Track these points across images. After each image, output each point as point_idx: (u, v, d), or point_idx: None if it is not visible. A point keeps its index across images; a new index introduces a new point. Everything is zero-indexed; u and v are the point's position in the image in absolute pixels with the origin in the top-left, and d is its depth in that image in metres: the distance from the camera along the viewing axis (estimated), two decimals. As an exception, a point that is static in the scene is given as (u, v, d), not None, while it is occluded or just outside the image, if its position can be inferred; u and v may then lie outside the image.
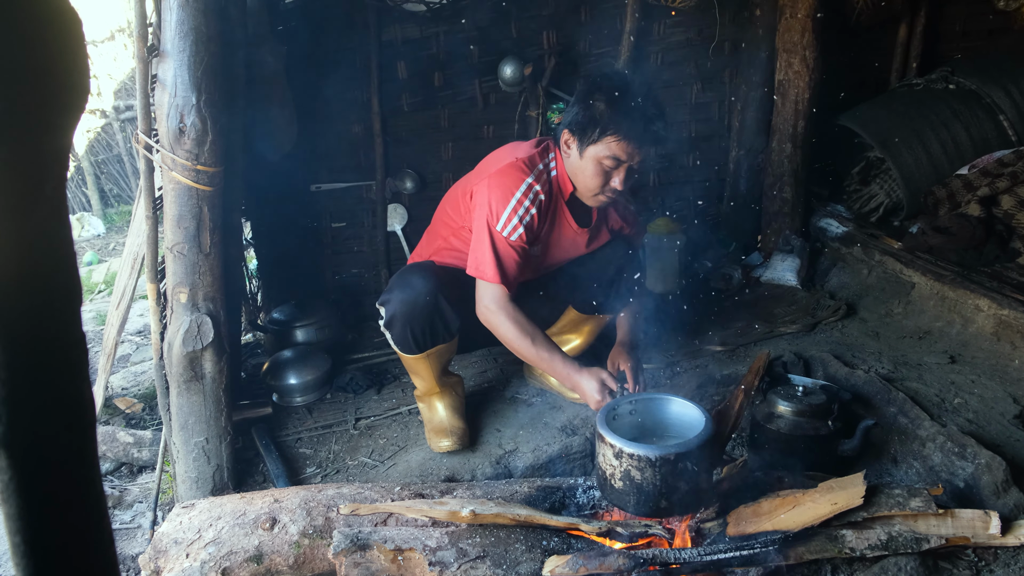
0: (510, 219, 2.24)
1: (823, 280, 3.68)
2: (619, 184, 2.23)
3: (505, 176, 2.29)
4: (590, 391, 2.17)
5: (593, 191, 2.29)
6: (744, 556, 1.71)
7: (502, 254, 2.25)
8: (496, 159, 2.41)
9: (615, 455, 1.77)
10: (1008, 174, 3.35)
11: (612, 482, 1.79)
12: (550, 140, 2.44)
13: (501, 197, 2.26)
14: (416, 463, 2.50)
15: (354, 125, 3.80)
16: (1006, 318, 2.74)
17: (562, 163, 2.36)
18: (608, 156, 2.19)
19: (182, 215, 2.20)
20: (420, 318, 2.35)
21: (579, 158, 2.26)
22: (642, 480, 1.74)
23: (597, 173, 2.23)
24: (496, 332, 2.30)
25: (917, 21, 4.10)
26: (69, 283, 0.54)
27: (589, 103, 2.21)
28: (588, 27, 3.82)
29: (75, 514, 0.55)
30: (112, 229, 8.30)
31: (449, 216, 2.53)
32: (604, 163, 2.21)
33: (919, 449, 2.22)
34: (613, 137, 2.16)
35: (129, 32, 8.08)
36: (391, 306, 2.38)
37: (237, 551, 1.85)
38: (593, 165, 2.23)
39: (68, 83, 0.52)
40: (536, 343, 2.23)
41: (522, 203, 2.25)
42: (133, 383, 3.66)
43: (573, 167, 2.31)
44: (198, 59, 2.10)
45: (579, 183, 2.32)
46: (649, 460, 1.71)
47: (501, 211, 2.25)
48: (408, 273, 2.43)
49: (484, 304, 2.29)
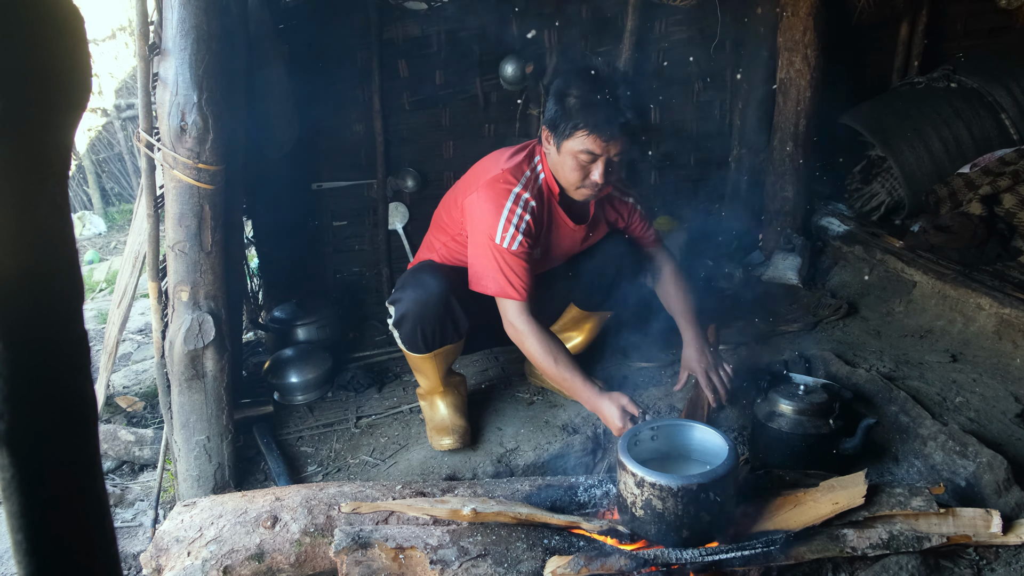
0: (506, 229, 2.24)
1: (824, 279, 3.67)
2: (599, 177, 2.22)
3: (492, 189, 2.28)
4: (611, 417, 2.14)
5: (575, 184, 2.28)
6: (745, 556, 1.71)
7: (511, 266, 2.25)
8: (483, 170, 2.40)
9: (636, 484, 1.73)
10: (1010, 172, 3.34)
11: (633, 510, 1.76)
12: (535, 142, 2.43)
13: (492, 210, 2.26)
14: (417, 462, 2.50)
15: (355, 123, 3.80)
16: (1008, 317, 2.74)
17: (547, 164, 2.36)
18: (582, 150, 2.18)
19: (183, 213, 2.20)
20: (431, 318, 2.36)
21: (557, 154, 2.26)
22: (663, 509, 1.70)
23: (575, 167, 2.23)
24: (521, 348, 2.31)
25: (919, 19, 4.09)
26: (71, 281, 0.54)
27: (562, 98, 2.20)
28: (589, 25, 3.82)
29: (77, 512, 0.55)
30: (113, 228, 8.31)
31: (445, 222, 2.54)
32: (579, 157, 2.20)
33: (920, 448, 2.21)
34: (583, 131, 2.15)
35: (130, 30, 8.08)
36: (402, 305, 2.38)
37: (238, 549, 1.85)
38: (570, 160, 2.22)
39: (70, 82, 0.52)
40: (559, 363, 2.22)
41: (514, 211, 2.25)
42: (134, 381, 3.66)
43: (554, 163, 2.31)
44: (199, 57, 2.10)
45: (560, 178, 2.32)
46: (671, 490, 1.68)
47: (495, 224, 2.25)
48: (420, 273, 2.43)
49: (508, 320, 2.29)
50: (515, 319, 2.27)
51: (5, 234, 0.48)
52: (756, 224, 4.04)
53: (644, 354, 2.96)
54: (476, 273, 2.32)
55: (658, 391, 2.74)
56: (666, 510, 1.71)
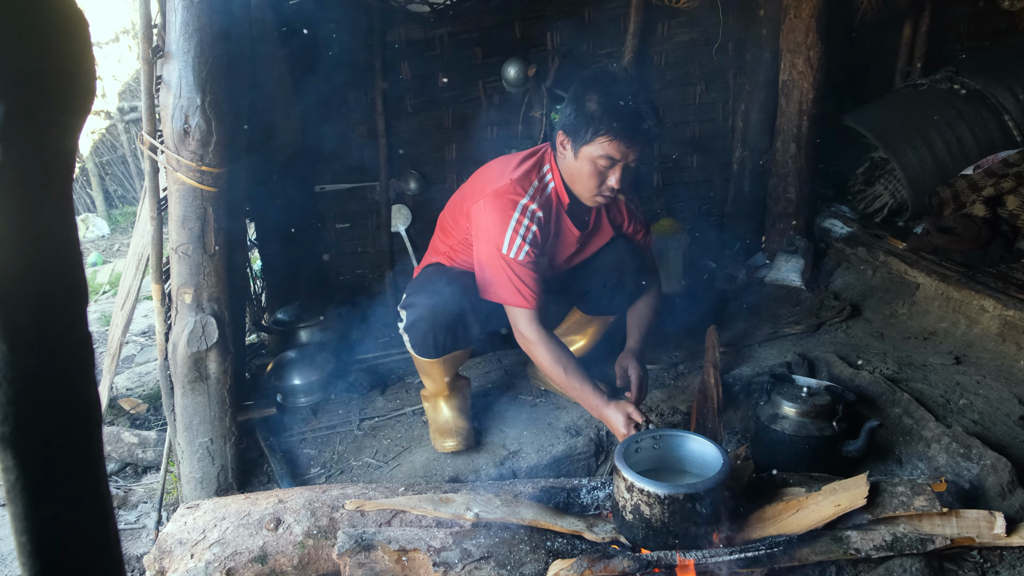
0: (513, 240, 2.24)
1: (827, 280, 3.67)
2: (615, 183, 2.23)
3: (498, 200, 2.27)
4: (617, 424, 2.16)
5: (591, 191, 2.28)
6: (749, 558, 1.71)
7: (520, 276, 2.25)
8: (490, 177, 2.39)
9: (627, 488, 1.77)
10: (1013, 174, 3.33)
11: (624, 514, 1.80)
12: (546, 149, 2.42)
13: (499, 221, 2.25)
14: (420, 464, 2.50)
15: (358, 126, 3.81)
16: (1011, 319, 2.73)
17: (558, 172, 2.34)
18: (602, 156, 2.18)
19: (187, 216, 2.21)
20: (443, 324, 2.35)
21: (574, 159, 2.25)
22: (651, 516, 1.74)
23: (593, 173, 2.22)
24: (531, 356, 2.33)
25: (922, 21, 4.09)
26: (75, 284, 0.54)
27: (582, 103, 2.20)
28: (592, 28, 3.82)
29: (81, 514, 0.56)
30: (116, 230, 8.33)
31: (451, 226, 2.53)
32: (599, 163, 2.20)
33: (924, 450, 2.21)
34: (605, 137, 2.15)
35: (134, 33, 8.10)
36: (415, 310, 2.38)
37: (241, 551, 1.86)
38: (588, 165, 2.22)
39: (74, 85, 0.52)
40: (568, 372, 2.24)
41: (521, 222, 2.25)
42: (138, 384, 3.67)
43: (569, 168, 2.29)
44: (203, 60, 2.10)
45: (576, 184, 2.31)
46: (658, 497, 1.72)
47: (502, 235, 2.24)
48: (432, 278, 2.44)
49: (519, 330, 2.30)
50: (525, 328, 2.28)
51: (9, 236, 0.48)
52: (759, 226, 4.04)
53: (647, 357, 2.95)
54: (485, 282, 2.33)
55: (661, 393, 2.73)
56: (653, 516, 1.74)
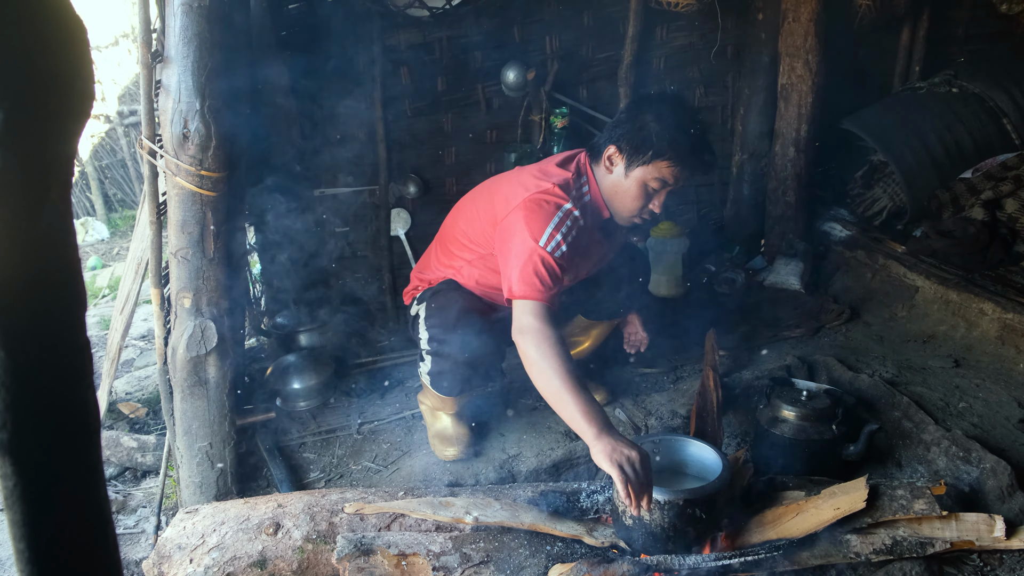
0: (553, 235, 2.05)
1: (827, 284, 3.67)
2: (657, 207, 2.19)
3: (543, 199, 2.11)
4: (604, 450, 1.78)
5: (631, 211, 2.21)
6: (749, 562, 1.71)
7: (546, 269, 2.02)
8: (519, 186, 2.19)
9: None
10: (1012, 177, 3.34)
11: (623, 518, 1.81)
12: (581, 159, 2.27)
13: (543, 217, 2.07)
14: (420, 468, 2.50)
15: (357, 130, 3.81)
16: (1010, 322, 2.73)
17: (595, 186, 2.24)
18: (656, 178, 2.13)
19: (186, 220, 2.21)
20: (472, 377, 2.35)
21: (623, 177, 2.17)
22: (650, 521, 1.75)
23: (639, 195, 2.16)
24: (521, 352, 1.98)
25: (920, 25, 4.10)
26: (73, 288, 0.54)
27: (644, 123, 2.13)
28: (591, 31, 3.83)
29: (79, 519, 0.55)
30: (116, 234, 8.32)
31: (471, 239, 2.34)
32: (650, 184, 2.15)
33: (924, 453, 2.21)
34: (666, 162, 2.10)
35: (133, 37, 8.11)
36: (442, 361, 2.30)
37: (241, 556, 1.85)
38: (637, 186, 2.15)
39: (73, 89, 0.52)
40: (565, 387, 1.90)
41: (564, 222, 2.10)
42: (137, 388, 3.66)
43: (613, 185, 2.20)
44: (202, 64, 2.10)
45: (617, 202, 2.22)
46: (658, 503, 1.72)
47: (543, 230, 2.05)
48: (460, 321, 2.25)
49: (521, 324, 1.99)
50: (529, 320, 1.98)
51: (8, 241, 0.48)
52: (758, 229, 4.04)
53: (647, 360, 2.96)
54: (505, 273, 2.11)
55: (661, 397, 2.73)
56: (652, 521, 1.74)
